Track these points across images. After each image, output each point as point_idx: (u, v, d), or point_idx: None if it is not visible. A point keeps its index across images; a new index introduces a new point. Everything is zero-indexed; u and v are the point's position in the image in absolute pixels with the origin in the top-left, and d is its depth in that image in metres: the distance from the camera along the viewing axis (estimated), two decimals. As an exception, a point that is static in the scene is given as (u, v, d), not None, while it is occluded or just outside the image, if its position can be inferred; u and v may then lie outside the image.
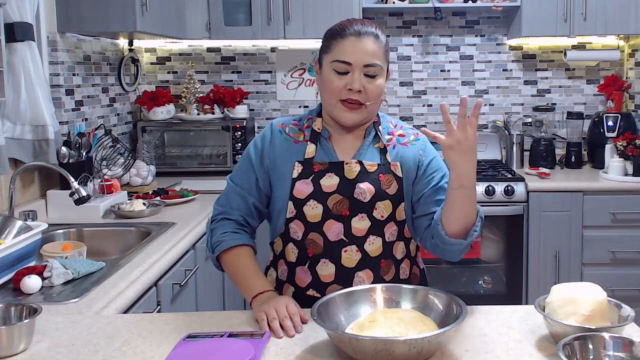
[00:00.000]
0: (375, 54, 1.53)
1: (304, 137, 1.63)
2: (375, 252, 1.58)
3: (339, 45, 1.53)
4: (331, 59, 1.55)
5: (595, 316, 1.28)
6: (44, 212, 2.64)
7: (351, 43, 1.52)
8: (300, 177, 1.58)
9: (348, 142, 1.63)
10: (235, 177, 1.67)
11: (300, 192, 1.57)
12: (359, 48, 1.52)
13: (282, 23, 3.46)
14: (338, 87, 1.54)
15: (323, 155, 1.61)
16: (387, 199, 1.57)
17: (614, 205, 3.29)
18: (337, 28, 1.57)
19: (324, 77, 1.57)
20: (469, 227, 1.49)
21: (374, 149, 1.63)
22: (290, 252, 1.62)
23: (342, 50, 1.53)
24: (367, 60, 1.52)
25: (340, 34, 1.54)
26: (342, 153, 1.62)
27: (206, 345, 1.29)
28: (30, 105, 2.49)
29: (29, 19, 2.46)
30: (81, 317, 1.53)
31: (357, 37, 1.53)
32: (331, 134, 1.64)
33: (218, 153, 3.61)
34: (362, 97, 1.54)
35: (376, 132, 1.64)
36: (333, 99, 1.55)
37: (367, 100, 1.55)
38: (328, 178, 1.57)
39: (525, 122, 3.92)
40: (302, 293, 1.60)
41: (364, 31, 1.53)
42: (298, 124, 1.66)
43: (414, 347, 1.18)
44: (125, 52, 3.57)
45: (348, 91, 1.53)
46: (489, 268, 3.43)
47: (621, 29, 3.50)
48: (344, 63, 1.53)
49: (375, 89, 1.55)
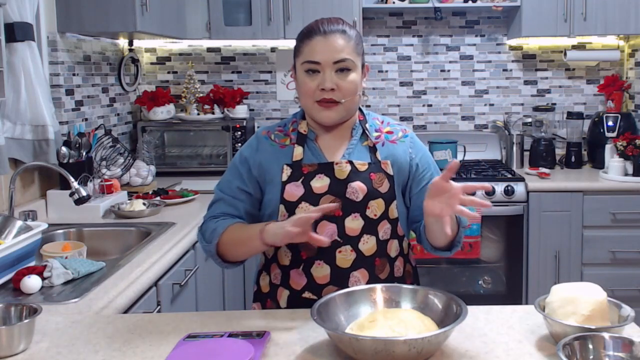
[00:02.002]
0: (343, 49, 1.54)
1: (290, 140, 1.63)
2: (370, 251, 1.58)
3: (307, 46, 1.55)
4: (302, 60, 1.56)
5: (595, 316, 1.28)
6: (44, 212, 2.64)
7: (318, 42, 1.54)
8: (290, 180, 1.58)
9: (335, 142, 1.63)
10: (223, 185, 1.67)
11: (291, 194, 1.57)
12: (326, 46, 1.53)
13: (282, 23, 3.46)
14: (311, 88, 1.55)
15: (311, 156, 1.61)
16: (380, 197, 1.58)
17: (614, 205, 3.29)
18: (305, 30, 1.59)
19: (298, 80, 1.59)
20: (454, 238, 1.56)
21: (362, 147, 1.63)
22: (283, 255, 1.61)
23: (310, 51, 1.54)
24: (335, 56, 1.53)
25: (308, 35, 1.56)
26: (329, 153, 1.62)
27: (206, 345, 1.29)
28: (30, 105, 2.49)
29: (29, 19, 2.46)
30: (81, 317, 1.54)
31: (324, 36, 1.54)
32: (317, 135, 1.64)
33: (218, 153, 3.61)
34: (337, 94, 1.54)
35: (363, 130, 1.64)
36: (309, 100, 1.57)
37: (343, 97, 1.55)
38: (318, 179, 1.57)
39: (525, 122, 3.92)
40: (298, 296, 1.59)
41: (329, 29, 1.55)
42: (283, 129, 1.66)
43: (414, 347, 1.18)
44: (125, 52, 3.57)
45: (321, 91, 1.54)
46: (489, 268, 3.43)
47: (621, 29, 3.50)
48: (313, 63, 1.54)
49: (349, 85, 1.55)
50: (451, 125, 3.97)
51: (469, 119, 3.97)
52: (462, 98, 3.97)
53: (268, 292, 1.66)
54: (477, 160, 3.81)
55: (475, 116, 3.98)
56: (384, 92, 3.97)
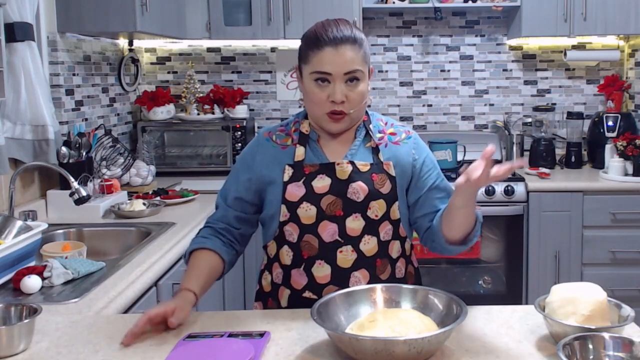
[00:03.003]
0: (354, 60, 1.52)
1: (292, 141, 1.63)
2: (371, 252, 1.58)
3: (316, 56, 1.52)
4: (310, 70, 1.54)
5: (595, 316, 1.28)
6: (44, 212, 2.64)
7: (329, 54, 1.51)
8: (292, 180, 1.58)
9: (337, 143, 1.63)
10: (222, 192, 1.69)
11: (293, 195, 1.57)
12: (337, 58, 1.51)
13: (282, 23, 3.46)
14: (321, 99, 1.53)
15: (313, 157, 1.61)
16: (381, 198, 1.57)
17: (614, 205, 3.29)
18: (313, 36, 1.54)
19: (305, 88, 1.57)
20: (470, 232, 1.53)
21: (365, 148, 1.62)
22: (284, 254, 1.61)
23: (320, 62, 1.51)
24: (346, 68, 1.51)
25: (317, 44, 1.52)
26: (331, 154, 1.62)
27: (206, 345, 1.29)
28: (30, 105, 2.49)
29: (29, 19, 2.46)
30: (81, 317, 1.54)
31: (334, 47, 1.51)
32: (319, 135, 1.64)
33: (218, 153, 3.61)
34: (346, 106, 1.54)
35: (367, 131, 1.64)
36: (318, 111, 1.56)
37: (351, 109, 1.55)
38: (320, 180, 1.57)
39: (525, 122, 3.92)
40: (299, 295, 1.59)
41: (340, 38, 1.51)
42: (285, 130, 1.66)
43: (414, 347, 1.18)
44: (125, 52, 3.57)
45: (331, 103, 1.53)
46: (489, 268, 3.43)
47: (621, 29, 3.50)
48: (323, 73, 1.52)
49: (358, 95, 1.54)
50: (451, 125, 3.97)
51: (469, 119, 3.97)
52: (462, 98, 3.97)
53: (269, 292, 1.66)
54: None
55: (475, 116, 3.98)
56: (384, 92, 3.97)
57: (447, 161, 3.53)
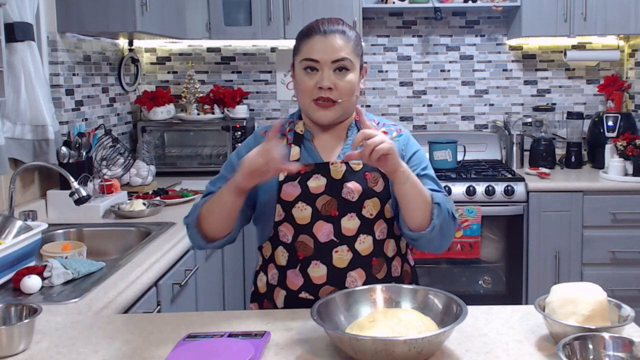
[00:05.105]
0: (342, 48, 1.54)
1: (287, 140, 1.64)
2: (366, 251, 1.58)
3: (306, 45, 1.56)
4: (300, 58, 1.57)
5: (595, 316, 1.28)
6: (44, 212, 2.64)
7: (317, 41, 1.55)
8: (287, 180, 1.58)
9: (331, 143, 1.63)
10: (214, 181, 1.65)
11: (288, 194, 1.57)
12: (326, 45, 1.54)
13: (282, 23, 3.46)
14: (309, 86, 1.55)
15: (307, 157, 1.61)
16: (375, 196, 1.58)
17: (614, 205, 3.29)
18: (305, 29, 1.60)
19: (296, 78, 1.60)
20: (429, 214, 1.50)
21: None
22: (280, 255, 1.61)
23: (310, 49, 1.55)
24: (334, 55, 1.54)
25: (308, 34, 1.57)
26: (325, 154, 1.62)
27: (206, 345, 1.29)
28: (30, 105, 2.49)
29: (29, 19, 2.46)
30: (81, 317, 1.54)
31: (324, 35, 1.55)
32: (314, 135, 1.64)
33: (218, 153, 3.61)
34: (334, 94, 1.55)
35: (359, 130, 1.64)
36: (306, 99, 1.57)
37: (340, 97, 1.55)
38: (315, 179, 1.57)
39: (525, 122, 3.92)
40: (295, 296, 1.59)
41: (330, 29, 1.56)
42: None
43: (414, 347, 1.18)
44: (125, 52, 3.58)
45: (319, 90, 1.54)
46: (489, 268, 3.43)
47: (621, 29, 3.50)
48: (312, 61, 1.54)
49: (347, 85, 1.55)
50: (451, 125, 3.97)
51: (469, 119, 3.97)
52: (462, 98, 3.97)
53: (265, 293, 1.65)
54: (477, 160, 3.81)
55: (475, 116, 3.98)
56: (384, 92, 3.97)
57: (447, 161, 3.53)
